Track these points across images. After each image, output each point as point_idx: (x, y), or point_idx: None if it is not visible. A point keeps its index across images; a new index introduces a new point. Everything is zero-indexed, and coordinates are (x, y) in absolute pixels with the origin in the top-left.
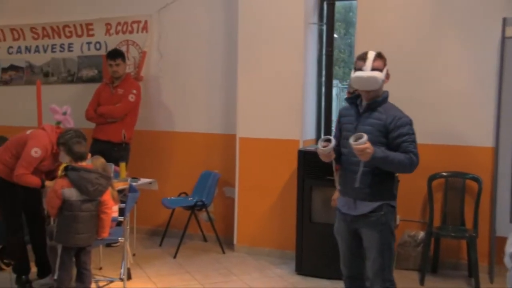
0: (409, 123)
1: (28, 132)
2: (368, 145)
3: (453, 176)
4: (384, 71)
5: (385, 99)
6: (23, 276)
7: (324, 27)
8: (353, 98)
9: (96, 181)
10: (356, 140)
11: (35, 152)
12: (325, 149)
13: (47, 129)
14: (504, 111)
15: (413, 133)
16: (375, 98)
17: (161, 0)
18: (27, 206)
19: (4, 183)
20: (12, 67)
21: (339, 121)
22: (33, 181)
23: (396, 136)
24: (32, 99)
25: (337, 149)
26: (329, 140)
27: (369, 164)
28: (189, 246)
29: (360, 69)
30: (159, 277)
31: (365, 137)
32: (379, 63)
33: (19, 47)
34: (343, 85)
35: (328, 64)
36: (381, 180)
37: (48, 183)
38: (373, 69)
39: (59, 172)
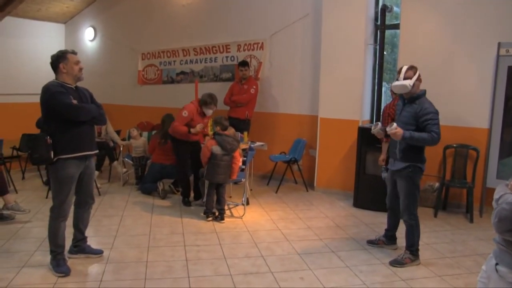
0: (433, 111)
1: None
2: (397, 130)
3: (460, 147)
4: (414, 77)
5: (419, 95)
6: (186, 198)
7: (378, 47)
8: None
9: (232, 142)
10: (390, 127)
11: (184, 113)
12: (375, 130)
13: (193, 102)
14: (496, 105)
15: (436, 119)
16: (412, 95)
17: (272, 29)
18: (192, 157)
19: (179, 141)
20: (182, 72)
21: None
22: (182, 129)
23: (422, 120)
24: (192, 91)
25: (385, 128)
26: (377, 124)
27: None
28: (286, 186)
29: (397, 79)
30: (266, 204)
31: (394, 124)
32: (409, 73)
33: (186, 60)
34: (388, 85)
35: (380, 71)
36: (411, 148)
37: (193, 130)
38: (405, 78)
39: (209, 135)
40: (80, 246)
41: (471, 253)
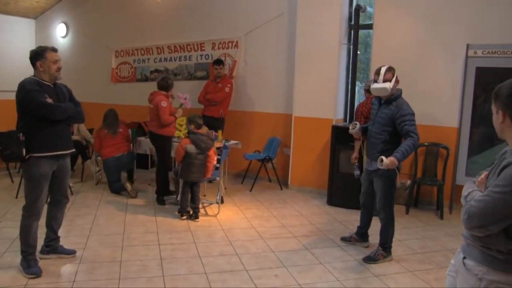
0: (410, 113)
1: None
2: (389, 162)
3: (431, 146)
4: (393, 80)
5: (396, 96)
6: (160, 197)
7: (351, 46)
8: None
9: (206, 141)
10: (381, 163)
11: (163, 103)
12: (353, 130)
13: (158, 93)
14: (465, 105)
15: (413, 120)
16: (389, 96)
17: (246, 27)
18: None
19: (164, 138)
20: (156, 70)
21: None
22: (172, 119)
23: (399, 122)
24: None
25: (363, 127)
26: (355, 124)
27: (380, 138)
28: (260, 184)
29: (376, 81)
30: (241, 202)
31: (384, 161)
32: (388, 75)
33: (160, 58)
34: (362, 84)
35: (353, 70)
36: (389, 150)
37: (177, 115)
38: (384, 80)
39: (184, 135)
40: (52, 246)
41: (441, 248)
